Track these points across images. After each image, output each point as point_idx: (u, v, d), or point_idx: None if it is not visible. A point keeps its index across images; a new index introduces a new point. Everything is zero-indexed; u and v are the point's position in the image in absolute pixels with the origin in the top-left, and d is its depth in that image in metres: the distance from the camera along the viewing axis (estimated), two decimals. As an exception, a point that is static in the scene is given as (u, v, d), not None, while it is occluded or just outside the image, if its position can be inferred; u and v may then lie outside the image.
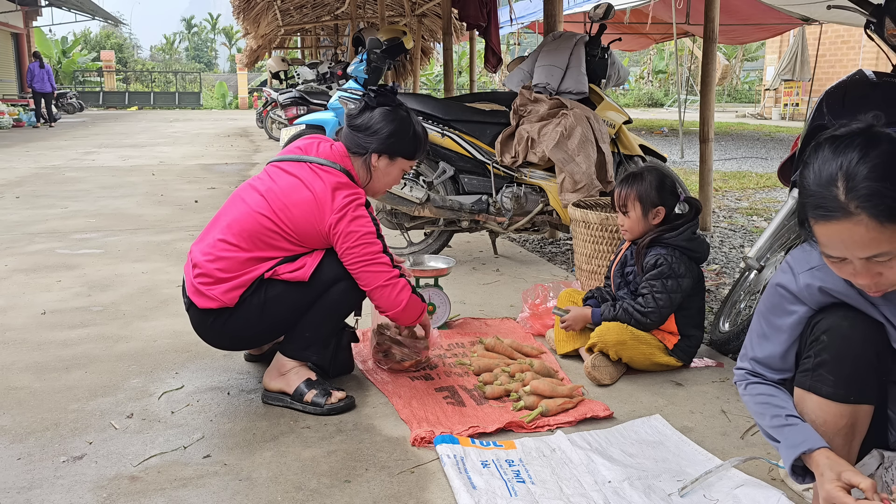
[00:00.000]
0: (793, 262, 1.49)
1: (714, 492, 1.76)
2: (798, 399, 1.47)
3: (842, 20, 11.06)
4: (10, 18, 21.58)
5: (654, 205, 2.60)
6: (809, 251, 1.46)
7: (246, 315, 2.19)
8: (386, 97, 2.37)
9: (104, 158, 10.26)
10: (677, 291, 2.52)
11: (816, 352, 1.43)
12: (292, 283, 2.19)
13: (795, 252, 1.51)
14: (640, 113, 23.90)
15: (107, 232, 5.01)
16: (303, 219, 2.18)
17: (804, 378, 1.45)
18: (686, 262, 2.56)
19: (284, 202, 2.19)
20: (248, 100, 31.51)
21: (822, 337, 1.43)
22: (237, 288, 2.16)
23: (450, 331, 2.96)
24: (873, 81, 2.64)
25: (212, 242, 2.22)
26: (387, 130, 2.31)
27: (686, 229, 2.59)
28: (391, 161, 2.35)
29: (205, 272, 2.18)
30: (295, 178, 2.22)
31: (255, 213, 2.19)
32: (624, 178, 2.69)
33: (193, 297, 2.20)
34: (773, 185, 7.58)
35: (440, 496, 1.76)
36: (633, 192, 2.62)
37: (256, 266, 2.18)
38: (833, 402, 1.41)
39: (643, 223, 2.62)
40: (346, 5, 12.35)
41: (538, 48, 4.35)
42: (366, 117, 2.34)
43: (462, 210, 3.91)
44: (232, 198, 2.32)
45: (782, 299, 1.50)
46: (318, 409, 2.20)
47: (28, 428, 2.11)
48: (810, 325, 1.47)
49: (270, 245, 2.19)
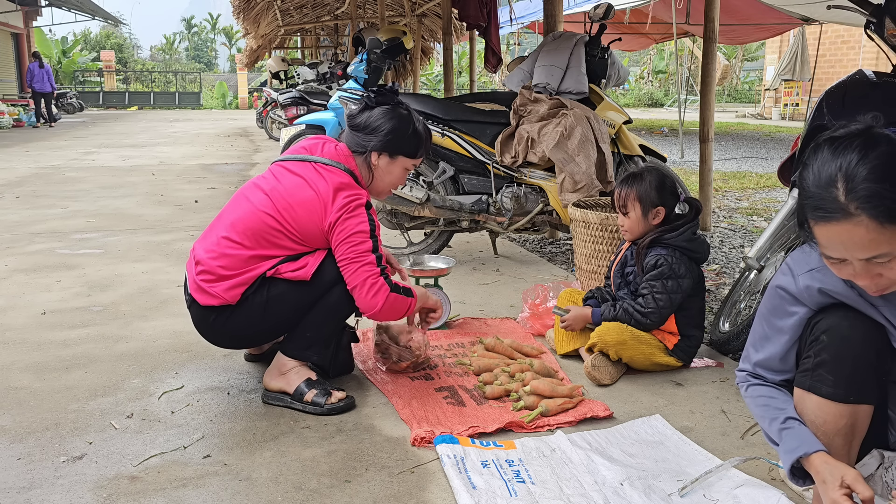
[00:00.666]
0: (792, 264, 1.49)
1: (714, 492, 1.76)
2: (798, 399, 1.47)
3: (842, 20, 11.07)
4: (10, 18, 21.58)
5: (654, 205, 2.60)
6: (809, 253, 1.46)
7: (248, 313, 2.19)
8: (385, 96, 2.38)
9: (104, 158, 10.26)
10: (677, 292, 2.52)
11: (816, 352, 1.43)
12: (294, 283, 2.19)
13: (795, 254, 1.51)
14: (640, 113, 23.90)
15: (107, 232, 5.02)
16: (306, 218, 2.19)
17: (804, 378, 1.45)
18: (686, 262, 2.56)
19: (289, 201, 2.20)
20: (248, 100, 31.51)
21: (822, 337, 1.43)
22: (239, 286, 2.17)
23: (450, 331, 2.96)
24: (873, 81, 2.64)
25: (215, 240, 2.22)
26: (386, 128, 2.32)
27: (686, 229, 2.59)
28: (392, 159, 2.36)
29: (207, 269, 2.19)
30: (299, 177, 2.24)
31: (260, 211, 2.20)
32: (624, 179, 2.69)
33: (196, 294, 2.20)
34: (773, 185, 7.58)
35: (440, 496, 1.76)
36: (633, 192, 2.62)
37: (259, 264, 2.19)
38: (833, 402, 1.41)
39: (643, 223, 2.62)
40: (346, 5, 12.35)
41: (538, 48, 4.35)
42: (365, 116, 2.35)
43: (462, 210, 3.91)
44: (236, 196, 2.33)
45: (782, 301, 1.50)
46: (318, 408, 2.20)
47: (28, 428, 2.11)
48: (810, 326, 1.47)
49: (274, 244, 2.19)
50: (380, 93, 2.38)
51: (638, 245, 2.65)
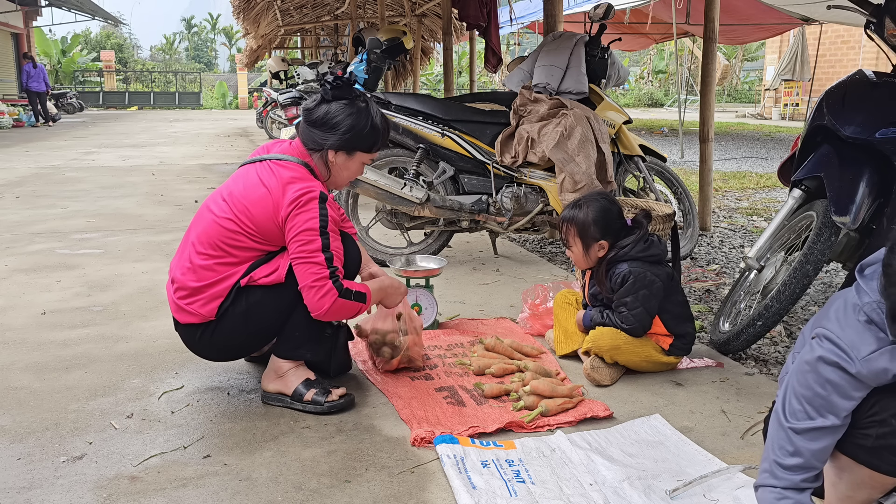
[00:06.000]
0: (844, 344, 1.38)
1: (715, 492, 1.76)
2: (838, 461, 1.46)
3: (842, 20, 11.07)
4: (10, 18, 21.57)
5: (596, 240, 2.56)
6: (854, 326, 1.37)
7: (231, 325, 2.18)
8: (342, 90, 2.26)
9: (104, 158, 10.26)
10: (652, 298, 2.49)
11: (881, 434, 1.39)
12: (270, 287, 2.17)
13: (832, 326, 1.40)
14: (640, 113, 23.89)
15: (107, 232, 5.01)
16: (262, 216, 2.15)
17: (859, 452, 1.43)
18: (650, 267, 2.52)
19: (244, 203, 2.17)
20: (248, 100, 31.51)
21: (892, 421, 1.38)
22: (214, 299, 2.15)
23: (450, 331, 2.96)
24: (873, 81, 2.64)
25: (185, 256, 2.21)
26: (344, 126, 2.23)
27: (637, 242, 2.54)
28: (349, 156, 2.29)
29: (181, 286, 2.18)
30: (255, 176, 2.21)
31: (219, 219, 2.18)
32: (565, 209, 2.64)
33: (177, 314, 2.21)
34: (773, 185, 7.58)
35: (440, 496, 1.76)
36: (573, 228, 2.58)
37: (229, 272, 2.16)
38: (887, 476, 1.42)
39: (587, 258, 2.60)
40: (346, 5, 12.35)
41: (538, 48, 4.35)
42: (322, 111, 2.25)
43: (462, 210, 3.91)
44: (200, 209, 2.31)
45: (839, 385, 1.38)
46: (318, 406, 2.20)
47: (28, 428, 2.11)
48: (869, 403, 1.40)
49: (237, 247, 2.17)
50: (336, 85, 2.25)
51: (594, 272, 2.63)
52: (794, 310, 3.44)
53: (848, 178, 2.50)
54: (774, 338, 3.07)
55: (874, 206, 2.53)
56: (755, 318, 2.61)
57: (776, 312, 2.57)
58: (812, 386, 1.40)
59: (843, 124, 2.55)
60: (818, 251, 2.53)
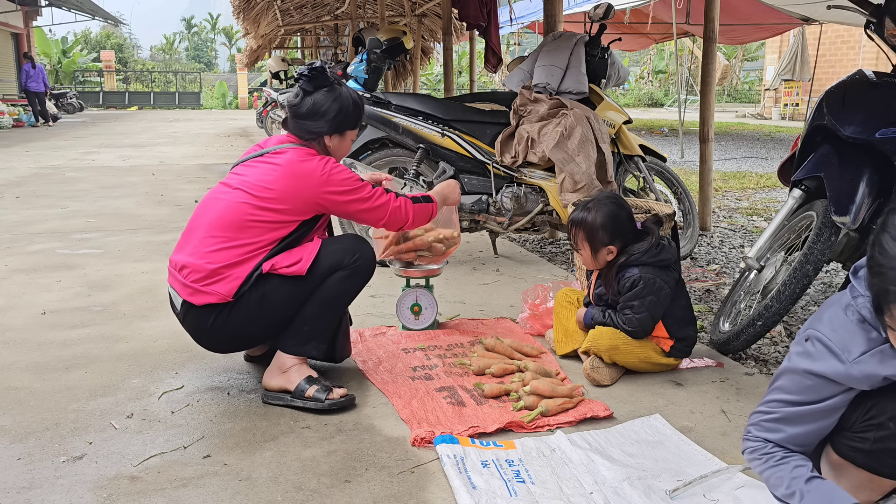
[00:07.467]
0: (834, 346, 1.38)
1: (715, 492, 1.76)
2: (837, 463, 1.48)
3: (842, 20, 11.06)
4: (10, 18, 21.57)
5: (605, 244, 2.53)
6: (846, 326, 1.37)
7: (245, 310, 2.20)
8: (319, 78, 2.34)
9: (104, 158, 10.26)
10: (658, 305, 2.48)
11: (879, 437, 1.40)
12: (290, 278, 2.21)
13: (824, 328, 1.41)
14: (640, 113, 23.89)
15: (107, 232, 5.01)
16: (287, 188, 2.23)
17: (857, 455, 1.44)
18: (660, 273, 2.50)
19: (262, 184, 2.24)
20: (248, 100, 31.50)
21: (889, 424, 1.38)
22: (233, 280, 2.17)
23: (450, 331, 2.96)
24: (873, 81, 2.64)
25: (198, 243, 2.23)
26: (333, 111, 2.33)
27: (651, 247, 2.51)
28: (342, 137, 2.40)
29: (194, 269, 2.19)
30: (264, 164, 2.29)
31: (236, 203, 2.23)
32: (575, 211, 2.61)
33: (191, 297, 2.20)
34: (773, 185, 7.58)
35: (440, 496, 1.76)
36: (581, 232, 2.56)
37: (249, 255, 2.19)
38: (886, 479, 1.43)
39: (596, 261, 2.58)
40: (346, 5, 12.35)
41: (538, 48, 4.35)
42: (309, 103, 2.33)
43: (462, 210, 3.91)
44: (204, 203, 2.34)
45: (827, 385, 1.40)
46: (318, 403, 2.20)
47: (28, 428, 2.11)
48: (865, 406, 1.41)
49: (256, 222, 2.21)
50: (311, 76, 2.33)
51: (603, 274, 2.61)
52: (794, 310, 3.44)
53: (848, 178, 2.50)
54: (774, 338, 3.07)
55: (874, 206, 2.53)
56: (755, 318, 2.61)
57: (776, 312, 2.57)
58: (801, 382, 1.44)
59: (843, 124, 2.55)
60: (818, 251, 2.53)
